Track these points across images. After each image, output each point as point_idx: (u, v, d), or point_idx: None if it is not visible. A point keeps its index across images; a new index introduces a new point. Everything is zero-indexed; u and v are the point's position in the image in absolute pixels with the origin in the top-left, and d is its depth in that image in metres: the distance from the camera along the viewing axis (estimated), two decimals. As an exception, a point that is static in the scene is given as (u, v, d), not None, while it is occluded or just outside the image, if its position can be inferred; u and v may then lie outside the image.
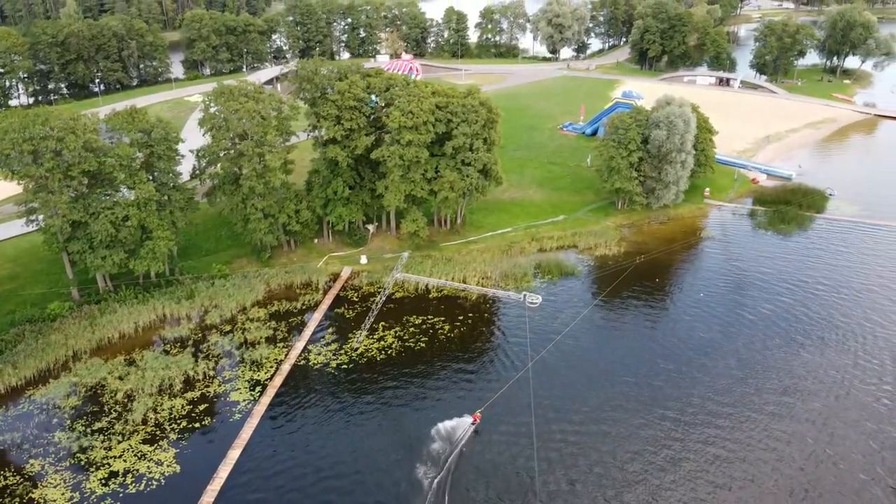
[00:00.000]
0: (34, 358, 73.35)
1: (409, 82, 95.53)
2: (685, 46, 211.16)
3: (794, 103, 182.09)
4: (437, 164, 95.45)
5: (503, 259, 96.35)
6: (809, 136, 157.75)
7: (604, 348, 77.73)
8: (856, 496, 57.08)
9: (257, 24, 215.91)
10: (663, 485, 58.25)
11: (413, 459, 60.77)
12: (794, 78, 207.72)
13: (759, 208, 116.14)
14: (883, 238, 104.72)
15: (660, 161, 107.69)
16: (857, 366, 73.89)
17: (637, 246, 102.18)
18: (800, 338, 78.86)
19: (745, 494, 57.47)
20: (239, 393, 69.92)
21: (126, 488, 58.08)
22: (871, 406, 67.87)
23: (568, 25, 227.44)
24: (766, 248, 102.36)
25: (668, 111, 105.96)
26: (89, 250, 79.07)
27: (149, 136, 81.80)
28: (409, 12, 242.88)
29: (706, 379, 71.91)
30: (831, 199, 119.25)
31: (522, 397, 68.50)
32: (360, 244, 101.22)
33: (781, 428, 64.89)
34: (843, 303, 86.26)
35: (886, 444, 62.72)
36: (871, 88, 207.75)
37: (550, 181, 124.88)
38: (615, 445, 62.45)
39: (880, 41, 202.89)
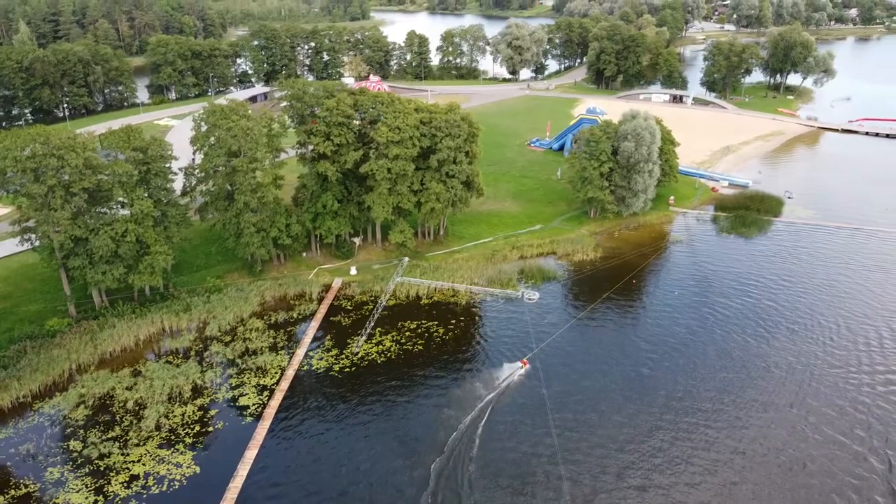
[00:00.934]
0: (39, 372, 74.21)
1: (395, 100, 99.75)
2: (639, 66, 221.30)
3: (743, 118, 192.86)
4: (423, 176, 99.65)
5: (488, 266, 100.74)
6: (761, 147, 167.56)
7: (595, 342, 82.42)
8: (832, 459, 62.60)
9: (223, 48, 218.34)
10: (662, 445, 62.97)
11: (419, 448, 64.06)
12: (741, 94, 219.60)
13: (720, 214, 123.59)
14: (836, 238, 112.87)
15: (628, 171, 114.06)
16: (826, 352, 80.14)
17: (612, 251, 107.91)
18: (771, 328, 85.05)
19: (737, 461, 62.43)
20: (247, 398, 72.15)
21: (149, 490, 59.78)
22: (840, 386, 73.83)
23: (527, 47, 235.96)
24: (730, 250, 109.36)
25: (635, 124, 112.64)
26: (89, 266, 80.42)
27: (145, 154, 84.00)
28: (372, 36, 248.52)
29: (689, 365, 77.17)
30: (790, 200, 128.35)
31: (530, 382, 72.59)
32: (347, 256, 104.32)
33: (762, 404, 70.29)
34: (806, 296, 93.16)
35: (856, 417, 68.61)
36: (812, 103, 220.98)
37: (524, 193, 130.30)
38: (621, 420, 67.00)
39: (819, 59, 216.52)
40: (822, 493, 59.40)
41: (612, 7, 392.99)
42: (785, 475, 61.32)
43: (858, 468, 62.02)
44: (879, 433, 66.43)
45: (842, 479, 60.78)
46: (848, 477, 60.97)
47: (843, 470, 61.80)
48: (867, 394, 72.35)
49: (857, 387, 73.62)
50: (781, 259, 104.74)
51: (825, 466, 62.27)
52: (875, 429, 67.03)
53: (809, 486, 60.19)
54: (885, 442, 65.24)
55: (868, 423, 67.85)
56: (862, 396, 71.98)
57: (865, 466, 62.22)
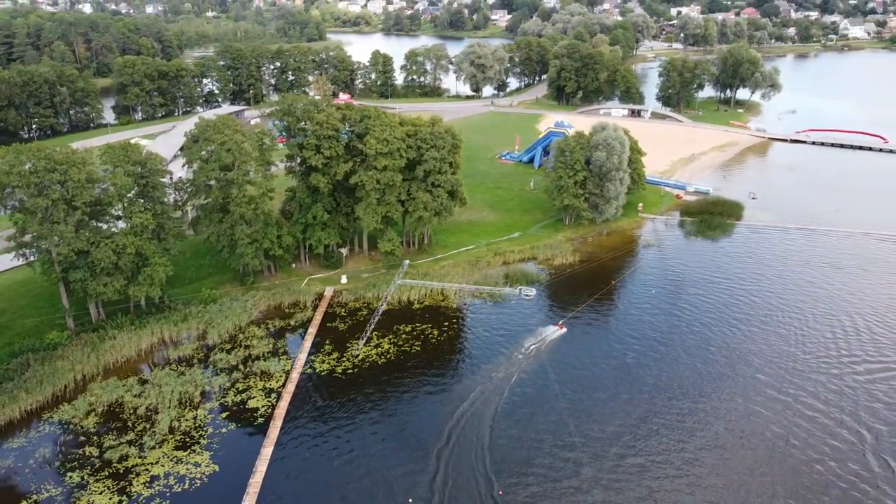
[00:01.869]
0: (45, 383, 75.07)
1: (381, 113, 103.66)
2: (598, 82, 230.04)
3: (699, 130, 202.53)
4: (409, 187, 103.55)
5: (474, 271, 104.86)
6: (717, 157, 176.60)
7: (585, 337, 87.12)
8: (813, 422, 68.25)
9: (190, 68, 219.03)
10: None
11: (425, 436, 67.52)
12: (695, 108, 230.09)
13: (686, 219, 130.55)
14: (796, 238, 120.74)
15: (601, 179, 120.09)
16: (798, 339, 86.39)
17: (589, 255, 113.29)
18: (745, 320, 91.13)
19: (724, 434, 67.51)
20: (256, 400, 74.38)
21: (171, 488, 61.61)
22: (814, 368, 79.88)
23: (489, 66, 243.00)
24: (699, 251, 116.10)
25: (606, 135, 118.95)
26: (91, 278, 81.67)
27: (143, 167, 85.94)
28: (337, 55, 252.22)
29: (671, 354, 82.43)
30: (753, 201, 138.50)
31: (539, 367, 76.80)
32: (335, 266, 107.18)
33: (747, 388, 75.80)
34: (774, 291, 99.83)
35: (830, 396, 74.57)
36: (761, 116, 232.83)
37: (500, 203, 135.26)
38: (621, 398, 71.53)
39: (765, 74, 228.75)
40: (805, 461, 64.74)
41: (566, 27, 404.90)
42: (771, 448, 66.54)
43: (834, 440, 67.67)
44: (851, 408, 72.41)
45: (821, 449, 66.37)
46: (825, 447, 66.55)
47: (821, 441, 67.34)
48: (836, 374, 78.53)
49: (827, 368, 79.84)
50: (748, 258, 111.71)
51: (805, 439, 67.70)
52: (847, 405, 73.00)
53: (792, 455, 65.50)
54: (856, 415, 71.21)
55: (840, 400, 73.81)
56: (832, 377, 78.06)
57: (839, 437, 67.96)
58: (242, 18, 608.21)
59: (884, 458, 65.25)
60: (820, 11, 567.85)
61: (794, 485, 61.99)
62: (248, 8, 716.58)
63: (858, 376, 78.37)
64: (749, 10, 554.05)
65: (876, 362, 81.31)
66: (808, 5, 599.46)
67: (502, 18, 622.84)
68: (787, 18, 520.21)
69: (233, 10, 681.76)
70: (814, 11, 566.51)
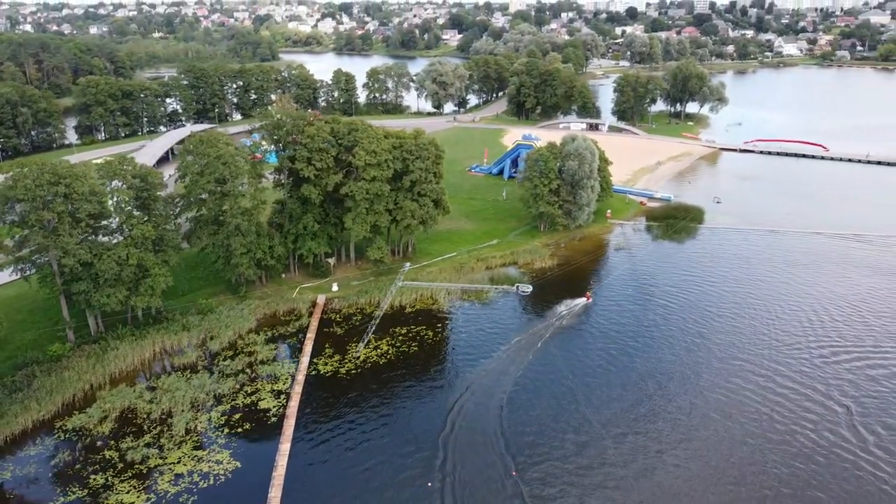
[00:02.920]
0: (55, 393, 76.17)
1: (367, 126, 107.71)
2: (556, 98, 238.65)
3: (654, 142, 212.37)
4: (396, 196, 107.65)
5: (460, 276, 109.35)
6: (675, 166, 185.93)
7: (577, 332, 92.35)
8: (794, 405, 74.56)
9: (153, 87, 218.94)
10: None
11: (431, 423, 71.39)
12: (648, 122, 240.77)
13: (652, 224, 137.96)
14: (756, 239, 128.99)
15: (573, 187, 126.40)
16: (772, 330, 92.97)
17: (566, 259, 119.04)
18: (719, 314, 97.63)
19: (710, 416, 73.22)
20: (266, 402, 76.94)
21: (197, 485, 63.78)
22: (788, 354, 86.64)
23: (451, 83, 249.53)
24: (669, 252, 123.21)
25: (577, 145, 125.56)
26: (94, 289, 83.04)
27: (144, 180, 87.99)
28: (300, 74, 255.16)
29: (657, 345, 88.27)
30: (719, 203, 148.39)
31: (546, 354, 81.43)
32: (324, 275, 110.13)
33: (731, 372, 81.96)
34: (742, 287, 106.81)
35: (804, 378, 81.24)
36: (710, 128, 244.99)
37: (476, 213, 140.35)
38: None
39: (713, 89, 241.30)
40: (789, 432, 70.82)
41: (518, 46, 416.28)
42: (758, 422, 72.50)
43: (811, 413, 74.06)
44: (823, 387, 79.00)
45: (801, 423, 72.58)
46: (805, 421, 72.81)
47: (801, 416, 73.63)
48: (807, 357, 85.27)
49: (798, 353, 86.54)
50: (714, 258, 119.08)
51: (787, 413, 73.91)
52: (819, 384, 79.60)
53: (776, 428, 71.53)
54: (827, 392, 77.85)
55: (812, 381, 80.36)
56: (802, 360, 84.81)
57: (816, 411, 74.36)
58: (191, 39, 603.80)
59: (856, 427, 71.77)
60: (755, 30, 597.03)
61: (783, 453, 67.91)
62: (196, 29, 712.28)
63: (826, 358, 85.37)
64: (689, 28, 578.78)
65: (839, 345, 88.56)
66: (744, 24, 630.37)
67: (453, 38, 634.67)
68: (725, 37, 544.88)
69: (180, 31, 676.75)
70: (749, 30, 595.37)
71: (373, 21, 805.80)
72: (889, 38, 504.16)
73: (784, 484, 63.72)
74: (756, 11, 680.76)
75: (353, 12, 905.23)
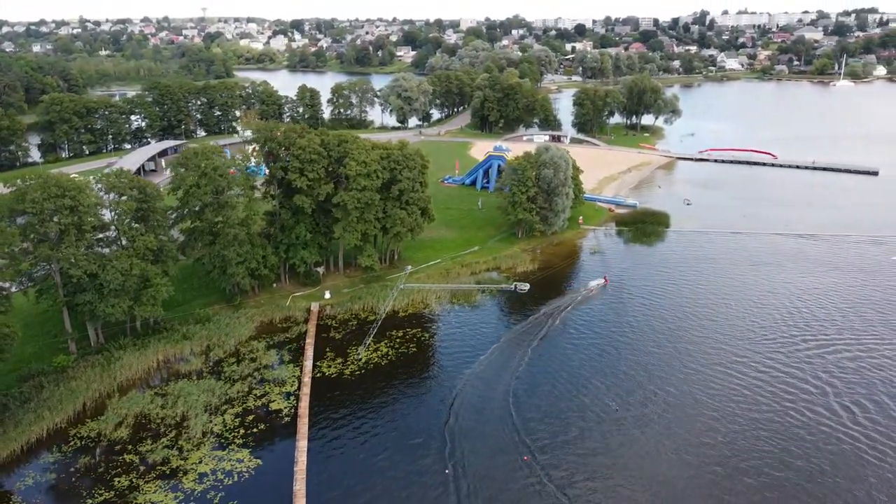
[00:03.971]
0: (65, 402, 77.16)
1: (356, 138, 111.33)
2: (519, 111, 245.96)
3: (615, 152, 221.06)
4: (385, 205, 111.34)
5: (447, 281, 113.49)
6: (636, 175, 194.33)
7: (565, 330, 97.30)
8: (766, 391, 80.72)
9: (118, 104, 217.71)
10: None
11: (436, 414, 75.17)
12: (607, 133, 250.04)
13: (622, 228, 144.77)
14: (720, 240, 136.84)
15: (549, 194, 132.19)
16: (746, 323, 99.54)
17: (546, 263, 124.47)
18: (696, 311, 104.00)
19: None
20: (276, 403, 79.41)
21: (222, 482, 65.95)
22: (763, 343, 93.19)
23: (415, 98, 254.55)
24: (641, 254, 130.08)
25: (552, 154, 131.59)
26: (99, 300, 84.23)
27: (144, 193, 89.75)
28: (264, 90, 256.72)
29: (639, 338, 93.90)
30: (689, 206, 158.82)
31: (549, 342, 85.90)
32: (315, 284, 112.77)
33: (712, 362, 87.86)
34: (713, 285, 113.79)
35: (782, 366, 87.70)
36: (665, 139, 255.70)
37: (454, 222, 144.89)
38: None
39: (667, 101, 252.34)
40: (775, 410, 76.84)
41: (474, 62, 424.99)
42: (745, 400, 78.33)
43: (789, 394, 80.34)
44: (798, 372, 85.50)
45: (783, 402, 78.71)
46: (786, 400, 78.99)
47: (781, 396, 79.82)
48: (781, 345, 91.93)
49: (772, 342, 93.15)
50: (683, 259, 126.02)
51: (769, 395, 79.99)
52: (793, 369, 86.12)
53: (760, 406, 77.44)
54: (802, 376, 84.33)
55: (786, 367, 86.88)
56: (777, 348, 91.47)
57: (793, 392, 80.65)
58: (139, 57, 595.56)
59: (831, 405, 78.22)
60: (698, 46, 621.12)
61: (772, 428, 73.94)
62: (145, 46, 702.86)
63: (798, 346, 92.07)
64: (637, 44, 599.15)
65: (809, 335, 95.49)
66: (687, 40, 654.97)
67: (407, 55, 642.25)
68: (671, 52, 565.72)
69: (128, 49, 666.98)
70: (693, 46, 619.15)
71: (325, 38, 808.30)
72: (822, 52, 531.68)
73: (773, 453, 69.39)
74: (698, 28, 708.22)
75: (305, 29, 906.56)
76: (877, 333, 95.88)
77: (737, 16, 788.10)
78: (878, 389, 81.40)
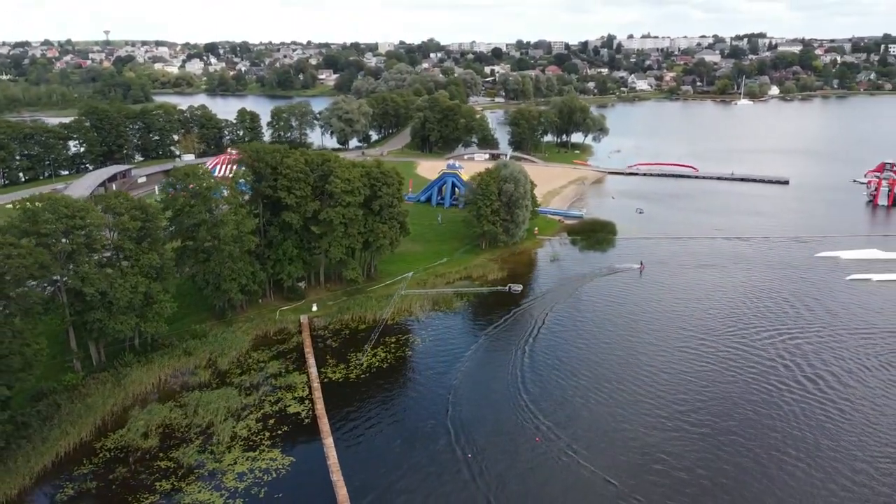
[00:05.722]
0: (84, 417, 78.85)
1: (337, 157, 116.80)
2: (458, 131, 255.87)
3: (553, 168, 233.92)
4: (366, 220, 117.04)
5: (426, 290, 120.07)
6: (576, 189, 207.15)
7: (549, 328, 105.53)
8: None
9: (56, 130, 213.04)
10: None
11: (440, 399, 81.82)
12: (542, 151, 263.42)
13: (575, 237, 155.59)
14: (666, 245, 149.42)
15: (511, 207, 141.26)
16: (709, 315, 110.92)
17: (512, 271, 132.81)
18: (655, 307, 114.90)
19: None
20: (293, 407, 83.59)
21: (262, 479, 69.89)
22: (717, 334, 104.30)
23: (356, 119, 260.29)
24: (596, 260, 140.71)
25: (512, 169, 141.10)
26: (108, 317, 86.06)
27: (145, 213, 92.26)
28: (203, 114, 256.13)
29: (605, 333, 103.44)
30: (641, 214, 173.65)
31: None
32: (300, 298, 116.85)
33: (671, 348, 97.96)
34: (665, 285, 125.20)
35: (745, 352, 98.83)
36: (594, 155, 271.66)
37: (419, 236, 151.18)
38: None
39: (595, 120, 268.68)
40: (744, 383, 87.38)
41: (400, 84, 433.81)
42: (713, 378, 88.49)
43: (749, 372, 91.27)
44: (756, 353, 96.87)
45: (745, 381, 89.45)
46: (747, 377, 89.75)
47: (742, 374, 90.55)
48: (738, 336, 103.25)
49: (727, 334, 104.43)
50: (636, 262, 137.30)
51: (733, 374, 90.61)
52: (753, 353, 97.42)
53: (731, 382, 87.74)
54: (759, 355, 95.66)
55: (748, 349, 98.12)
56: (733, 338, 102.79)
57: (756, 368, 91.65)
58: (45, 81, 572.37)
59: (789, 379, 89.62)
60: (609, 68, 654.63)
61: (747, 399, 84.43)
62: (50, 70, 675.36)
63: (754, 333, 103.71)
64: (552, 67, 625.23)
65: (760, 325, 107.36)
66: (598, 63, 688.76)
67: (329, 78, 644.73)
68: (585, 74, 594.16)
69: (32, 73, 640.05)
70: (604, 69, 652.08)
71: (243, 62, 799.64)
72: (722, 74, 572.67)
73: (745, 413, 79.53)
74: (607, 51, 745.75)
75: (221, 53, 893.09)
76: (815, 319, 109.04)
77: (641, 40, 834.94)
78: (822, 362, 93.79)
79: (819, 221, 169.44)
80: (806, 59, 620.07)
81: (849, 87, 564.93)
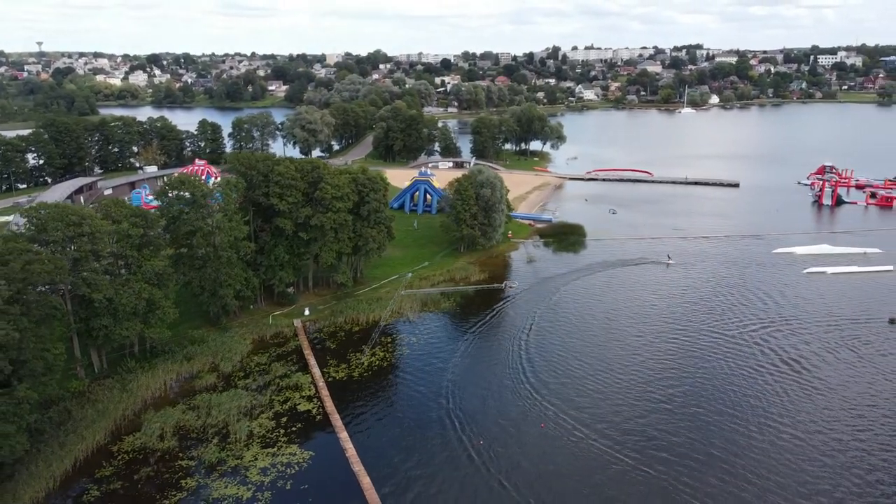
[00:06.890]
0: (98, 422, 79.70)
1: (325, 165, 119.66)
2: (421, 140, 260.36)
3: (516, 175, 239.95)
4: (355, 225, 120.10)
5: (428, 290, 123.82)
6: (541, 194, 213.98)
7: (551, 327, 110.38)
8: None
9: (14, 142, 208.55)
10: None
11: (441, 388, 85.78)
12: (503, 159, 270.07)
13: (548, 240, 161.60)
14: (633, 245, 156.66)
15: (487, 211, 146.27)
16: (687, 308, 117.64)
17: (491, 272, 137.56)
18: (639, 301, 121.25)
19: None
20: (303, 405, 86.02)
21: (285, 473, 72.29)
22: (692, 322, 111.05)
23: (319, 129, 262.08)
24: (571, 260, 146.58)
25: (488, 175, 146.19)
26: (114, 323, 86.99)
27: (146, 220, 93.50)
28: (163, 125, 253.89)
29: (587, 325, 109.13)
30: (614, 215, 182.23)
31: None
32: (291, 303, 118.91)
33: (649, 335, 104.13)
34: (640, 282, 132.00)
35: (707, 336, 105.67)
36: (553, 162, 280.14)
37: (397, 242, 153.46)
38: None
39: (553, 129, 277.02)
40: (726, 366, 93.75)
41: (354, 94, 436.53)
42: (699, 362, 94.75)
43: (732, 356, 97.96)
44: (732, 341, 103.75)
45: (723, 363, 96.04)
46: (728, 360, 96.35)
47: (722, 357, 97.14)
48: (712, 326, 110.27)
49: (703, 324, 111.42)
50: (608, 262, 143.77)
51: (713, 357, 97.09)
52: (729, 342, 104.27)
53: (715, 364, 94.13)
54: (735, 342, 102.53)
55: (724, 337, 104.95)
56: (709, 328, 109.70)
57: (737, 352, 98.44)
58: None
59: (773, 363, 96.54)
60: (556, 79, 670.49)
61: (731, 381, 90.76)
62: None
63: (722, 326, 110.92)
64: (501, 78, 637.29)
65: (734, 317, 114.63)
66: (545, 73, 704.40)
67: (279, 89, 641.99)
68: (535, 84, 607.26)
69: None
70: (552, 79, 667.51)
71: (189, 73, 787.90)
72: (665, 84, 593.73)
73: (730, 393, 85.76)
74: (553, 62, 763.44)
75: (164, 64, 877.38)
76: (781, 309, 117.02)
77: (585, 51, 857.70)
78: (793, 347, 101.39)
79: (772, 220, 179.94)
80: (742, 69, 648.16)
81: (783, 96, 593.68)
